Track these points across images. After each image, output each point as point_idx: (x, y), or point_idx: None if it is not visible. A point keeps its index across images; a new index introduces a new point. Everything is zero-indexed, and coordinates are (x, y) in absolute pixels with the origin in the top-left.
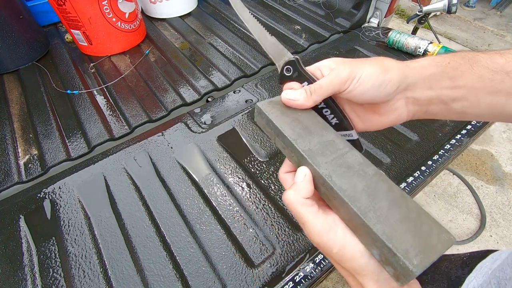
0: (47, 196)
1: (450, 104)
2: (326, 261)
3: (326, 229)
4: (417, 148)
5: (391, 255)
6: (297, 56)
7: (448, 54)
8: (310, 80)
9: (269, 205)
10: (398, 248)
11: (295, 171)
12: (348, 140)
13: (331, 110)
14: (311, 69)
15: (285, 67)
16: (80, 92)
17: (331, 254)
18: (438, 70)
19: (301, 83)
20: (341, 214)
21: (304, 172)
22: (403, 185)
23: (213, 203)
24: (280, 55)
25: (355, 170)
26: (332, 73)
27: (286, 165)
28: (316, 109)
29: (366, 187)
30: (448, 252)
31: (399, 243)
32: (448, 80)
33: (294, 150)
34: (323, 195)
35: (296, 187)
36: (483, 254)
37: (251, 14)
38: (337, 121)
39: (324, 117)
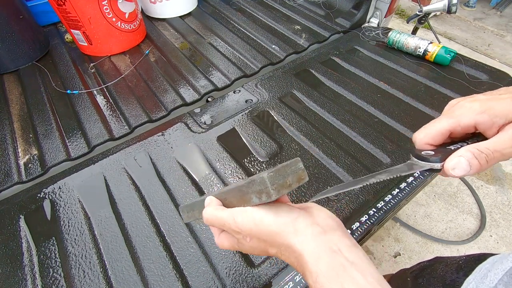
0: (47, 196)
1: None
2: None
3: (239, 212)
4: None
5: (255, 184)
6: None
7: None
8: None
9: None
10: (257, 178)
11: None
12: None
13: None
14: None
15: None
16: (80, 92)
17: (256, 234)
18: None
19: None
20: (235, 201)
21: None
22: (403, 185)
23: None
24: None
25: (237, 186)
26: None
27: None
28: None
29: (242, 185)
30: (447, 254)
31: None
32: None
33: (200, 204)
34: (226, 205)
35: (208, 205)
36: (479, 257)
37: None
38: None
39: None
